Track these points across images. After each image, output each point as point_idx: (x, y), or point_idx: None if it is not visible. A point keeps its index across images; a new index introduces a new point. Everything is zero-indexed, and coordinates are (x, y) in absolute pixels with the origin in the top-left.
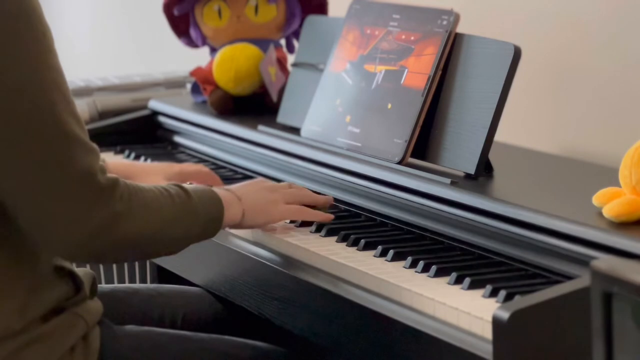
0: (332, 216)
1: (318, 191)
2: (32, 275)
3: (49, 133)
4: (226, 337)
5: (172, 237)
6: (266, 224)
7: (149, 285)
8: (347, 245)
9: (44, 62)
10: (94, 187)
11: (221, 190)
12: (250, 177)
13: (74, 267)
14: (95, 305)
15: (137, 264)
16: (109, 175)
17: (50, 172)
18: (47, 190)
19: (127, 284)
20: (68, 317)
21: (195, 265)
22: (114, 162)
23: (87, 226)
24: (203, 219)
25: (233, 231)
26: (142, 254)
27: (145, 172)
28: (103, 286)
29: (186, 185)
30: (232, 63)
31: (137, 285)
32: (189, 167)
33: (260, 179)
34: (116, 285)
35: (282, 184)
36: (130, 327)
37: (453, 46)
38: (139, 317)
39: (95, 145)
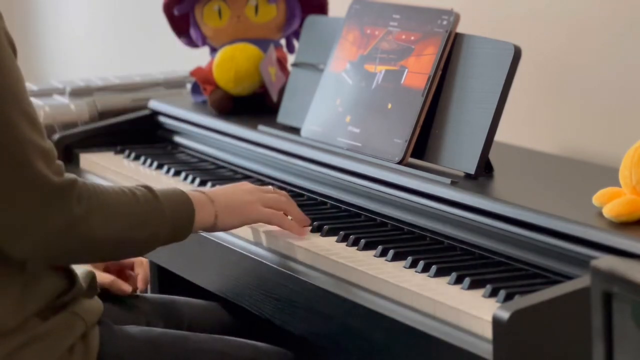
0: (306, 232)
1: (319, 191)
2: (23, 272)
3: None
4: (226, 337)
5: (137, 239)
6: (242, 225)
7: (160, 295)
8: (347, 245)
9: None
10: (47, 189)
11: (193, 192)
12: (250, 177)
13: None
14: (94, 305)
15: None
16: (67, 175)
17: (1, 177)
18: (7, 195)
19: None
20: (66, 316)
21: (195, 265)
22: None
23: (43, 229)
24: (171, 221)
25: (233, 231)
26: (106, 255)
27: None
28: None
29: (155, 188)
30: (232, 63)
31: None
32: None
33: (243, 182)
34: None
35: (265, 187)
36: (130, 327)
37: (453, 46)
38: (143, 324)
39: (48, 145)
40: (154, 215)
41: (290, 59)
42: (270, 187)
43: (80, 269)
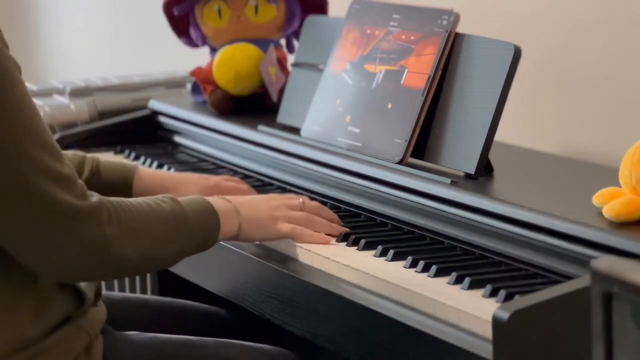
0: (330, 239)
1: (319, 191)
2: (36, 295)
3: (17, 171)
4: (231, 340)
5: (166, 253)
6: (264, 240)
7: (159, 297)
8: (347, 245)
9: (3, 97)
10: (72, 215)
11: (220, 201)
12: (250, 177)
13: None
14: (98, 313)
15: None
16: (92, 197)
17: (27, 210)
18: (28, 227)
19: (137, 294)
20: (71, 329)
21: (195, 265)
22: (149, 172)
23: (76, 254)
24: (198, 233)
25: None
26: (133, 272)
27: (180, 183)
28: (113, 294)
29: (181, 198)
30: (232, 63)
31: (148, 296)
32: (226, 181)
33: (272, 195)
34: (127, 294)
35: (293, 202)
36: (133, 335)
37: (453, 46)
38: (147, 330)
39: (66, 170)
40: (182, 229)
41: (290, 59)
42: (300, 200)
43: None
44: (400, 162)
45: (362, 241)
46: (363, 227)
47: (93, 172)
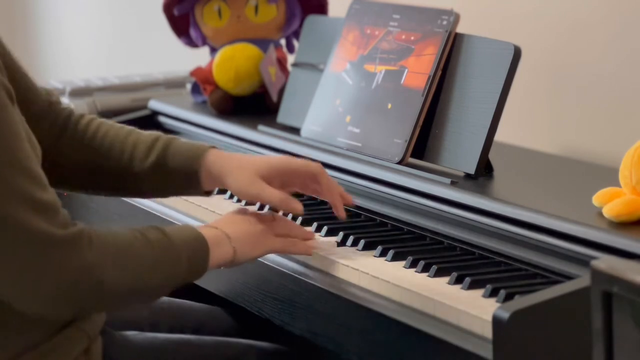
0: (312, 248)
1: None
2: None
3: None
4: (230, 339)
5: (151, 285)
6: (262, 256)
7: (162, 298)
8: (347, 246)
9: None
10: (50, 244)
11: (208, 229)
12: None
13: None
14: (97, 314)
15: None
16: (72, 228)
17: (4, 239)
18: (5, 256)
19: None
20: (71, 331)
21: None
22: (219, 155)
23: (54, 285)
24: (186, 263)
25: None
26: (119, 304)
27: (240, 168)
28: None
29: (166, 228)
30: (232, 63)
31: None
32: (295, 162)
33: (239, 208)
34: None
35: (263, 213)
36: (132, 334)
37: (453, 46)
38: (147, 330)
39: (51, 198)
40: (168, 259)
41: (290, 59)
42: (268, 213)
43: None
44: (400, 162)
45: (362, 241)
46: (363, 227)
47: (160, 156)
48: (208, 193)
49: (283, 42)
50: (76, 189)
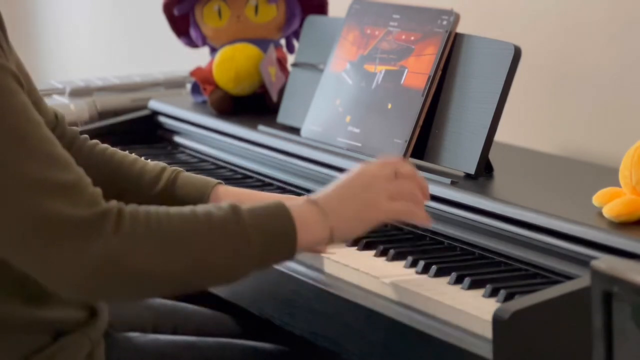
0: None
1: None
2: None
3: (3, 187)
4: (232, 341)
5: (204, 269)
6: (364, 232)
7: (163, 300)
8: (347, 246)
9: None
10: (72, 227)
11: (302, 206)
12: (250, 177)
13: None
14: (100, 318)
15: None
16: (99, 206)
17: (19, 227)
18: (32, 241)
19: None
20: (75, 337)
21: None
22: (228, 189)
23: (76, 270)
24: (258, 242)
25: None
26: (175, 286)
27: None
28: None
29: (246, 205)
30: (232, 63)
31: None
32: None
33: (356, 171)
34: None
35: (388, 169)
36: (134, 336)
37: (453, 46)
38: (149, 331)
39: (73, 177)
40: (230, 237)
41: (290, 59)
42: (390, 165)
43: None
44: None
45: (362, 241)
46: None
47: (169, 184)
48: None
49: (283, 42)
50: None
